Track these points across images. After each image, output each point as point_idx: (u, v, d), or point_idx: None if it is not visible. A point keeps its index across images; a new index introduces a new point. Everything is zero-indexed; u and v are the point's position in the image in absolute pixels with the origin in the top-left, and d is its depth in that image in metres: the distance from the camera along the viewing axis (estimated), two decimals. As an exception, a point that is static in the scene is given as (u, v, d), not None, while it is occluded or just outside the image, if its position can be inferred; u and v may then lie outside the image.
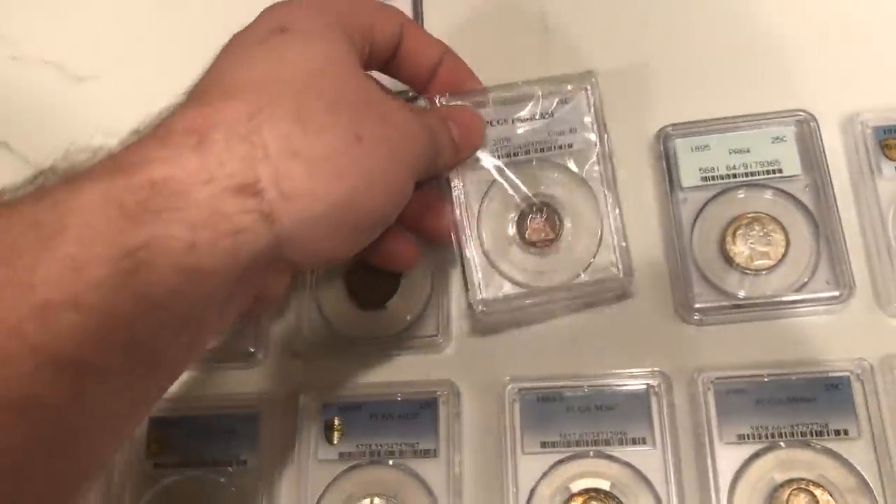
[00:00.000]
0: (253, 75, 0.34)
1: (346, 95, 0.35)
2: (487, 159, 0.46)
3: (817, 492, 0.41)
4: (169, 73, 0.58)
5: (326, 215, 0.33)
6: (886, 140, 0.47)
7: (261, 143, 0.31)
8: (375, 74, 0.43)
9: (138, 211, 0.28)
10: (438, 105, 0.45)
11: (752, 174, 0.47)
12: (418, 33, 0.44)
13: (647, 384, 0.44)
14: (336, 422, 0.46)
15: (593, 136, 0.46)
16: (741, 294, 0.45)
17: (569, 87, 0.47)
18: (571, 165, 0.46)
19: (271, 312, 0.49)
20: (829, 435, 0.42)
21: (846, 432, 0.42)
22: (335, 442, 0.46)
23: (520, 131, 0.47)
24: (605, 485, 0.43)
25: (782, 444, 0.42)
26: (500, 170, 0.46)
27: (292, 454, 0.46)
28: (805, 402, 0.43)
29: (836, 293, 0.44)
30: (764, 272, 0.45)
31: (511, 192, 0.46)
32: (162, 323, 0.29)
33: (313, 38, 0.36)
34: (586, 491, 0.43)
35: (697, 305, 0.45)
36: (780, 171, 0.47)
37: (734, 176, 0.47)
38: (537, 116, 0.47)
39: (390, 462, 0.45)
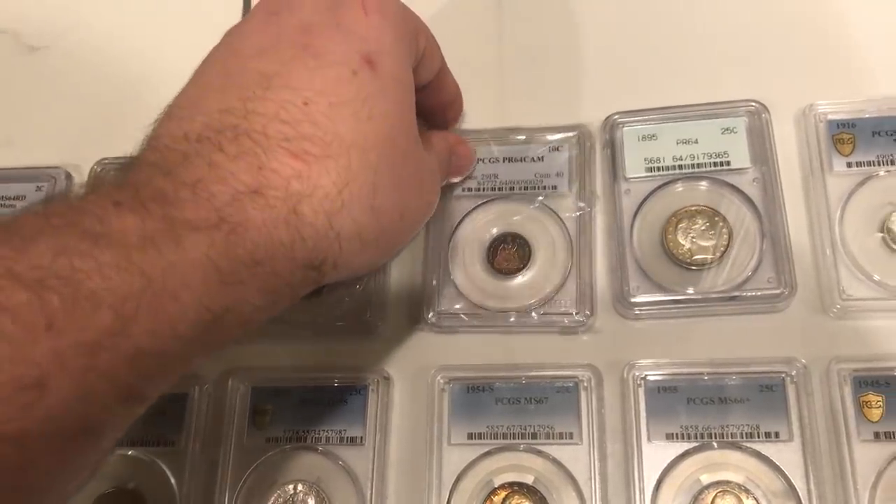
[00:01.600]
0: (343, 131, 0.34)
1: (406, 172, 0.37)
2: (473, 189, 0.48)
3: (742, 495, 0.40)
4: (121, 44, 0.57)
5: (352, 273, 0.37)
6: (839, 134, 0.45)
7: (339, 226, 0.33)
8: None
9: (231, 280, 0.30)
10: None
11: (699, 166, 0.46)
12: (448, 71, 0.46)
13: (577, 379, 0.43)
14: (265, 406, 0.45)
15: (576, 183, 0.47)
16: (680, 289, 0.44)
17: (561, 137, 0.48)
18: (551, 205, 0.47)
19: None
20: (759, 437, 0.41)
21: (777, 435, 0.41)
22: (263, 426, 0.45)
23: (508, 170, 0.48)
24: (528, 479, 0.42)
25: (715, 444, 0.41)
26: (481, 198, 0.48)
27: (219, 437, 0.45)
28: (737, 403, 0.42)
29: (778, 291, 0.43)
30: (705, 267, 0.44)
31: (488, 219, 0.47)
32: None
33: (393, 87, 0.37)
34: (510, 485, 0.42)
35: (634, 300, 0.44)
36: (728, 163, 0.46)
37: (680, 167, 0.46)
38: (527, 159, 0.48)
39: (319, 449, 0.44)
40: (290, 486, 0.44)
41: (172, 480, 0.45)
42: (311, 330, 0.47)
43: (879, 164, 0.44)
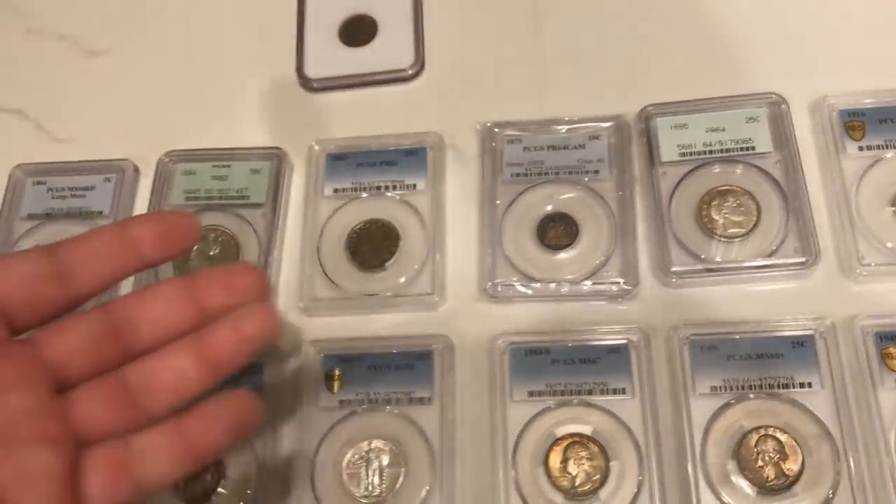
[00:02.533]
0: None
1: None
2: (521, 174, 0.53)
3: (783, 437, 0.44)
4: (178, 48, 0.61)
5: None
6: (850, 122, 0.51)
7: None
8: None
9: None
10: None
11: (727, 150, 0.51)
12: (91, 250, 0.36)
13: (628, 339, 0.47)
14: (336, 372, 0.49)
15: (616, 168, 0.52)
16: (715, 259, 0.49)
17: (601, 126, 0.53)
18: (595, 188, 0.52)
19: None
20: (794, 387, 0.46)
21: (810, 385, 0.45)
22: (335, 390, 0.49)
23: (553, 156, 0.53)
24: (587, 430, 0.46)
25: (752, 395, 0.46)
26: (530, 182, 0.52)
27: (295, 402, 0.49)
28: (773, 358, 0.46)
29: (803, 260, 0.48)
30: (737, 240, 0.49)
31: (537, 200, 0.52)
32: None
33: None
34: (570, 435, 0.46)
35: (674, 269, 0.49)
36: (753, 148, 0.51)
37: (710, 152, 0.51)
38: (570, 147, 0.53)
39: (388, 409, 0.48)
40: (365, 444, 0.47)
41: (254, 442, 0.48)
42: (376, 303, 0.51)
43: (887, 148, 0.50)
